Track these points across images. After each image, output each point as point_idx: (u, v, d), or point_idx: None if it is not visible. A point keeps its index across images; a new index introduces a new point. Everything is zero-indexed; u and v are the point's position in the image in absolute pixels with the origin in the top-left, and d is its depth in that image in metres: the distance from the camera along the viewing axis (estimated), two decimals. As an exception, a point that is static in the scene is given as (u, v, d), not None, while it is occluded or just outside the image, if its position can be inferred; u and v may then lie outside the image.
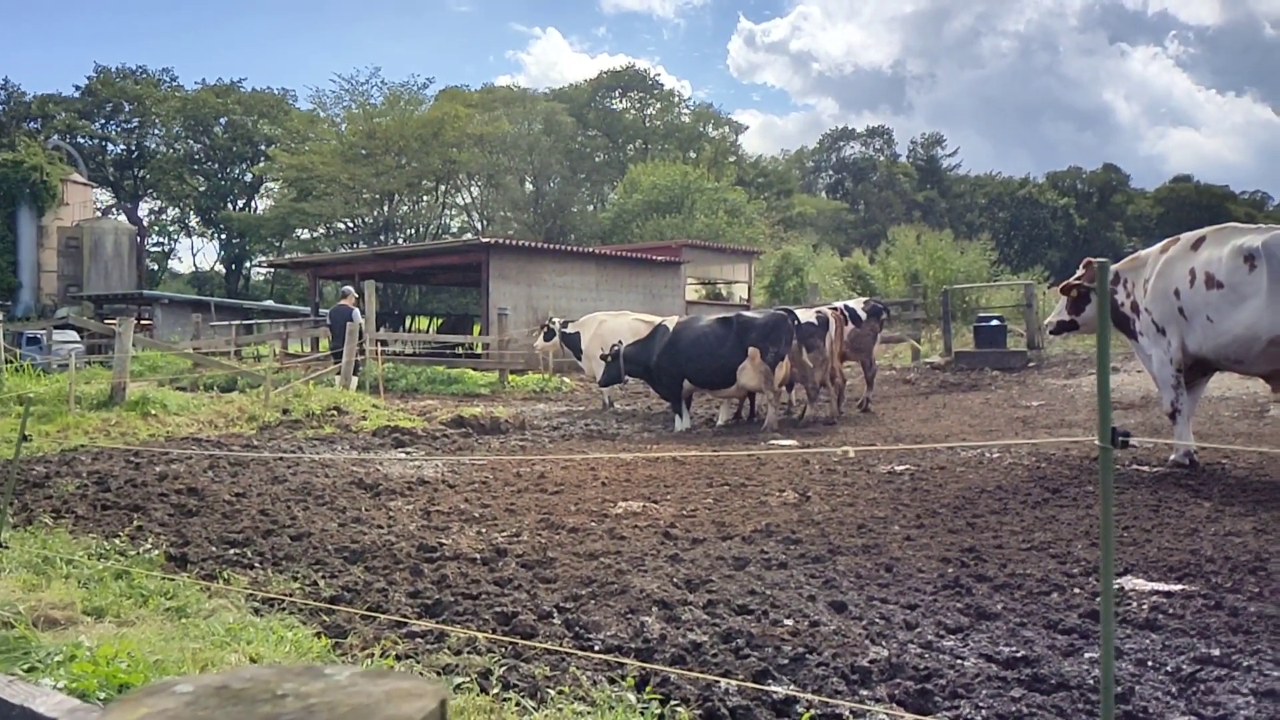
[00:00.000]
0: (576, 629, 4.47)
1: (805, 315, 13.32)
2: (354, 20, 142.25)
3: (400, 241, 55.13)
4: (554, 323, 18.18)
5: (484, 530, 6.68)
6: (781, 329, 12.73)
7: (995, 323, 20.35)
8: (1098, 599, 4.86)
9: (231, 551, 6.03)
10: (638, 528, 6.69)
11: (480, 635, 4.29)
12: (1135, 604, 4.77)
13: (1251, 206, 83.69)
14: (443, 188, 61.76)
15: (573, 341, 17.37)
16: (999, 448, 9.80)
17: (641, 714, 3.45)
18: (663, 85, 73.80)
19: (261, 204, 67.54)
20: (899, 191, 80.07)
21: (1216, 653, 4.09)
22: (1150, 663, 4.01)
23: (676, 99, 74.49)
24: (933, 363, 20.62)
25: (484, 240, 28.75)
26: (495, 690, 3.66)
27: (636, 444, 11.85)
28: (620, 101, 72.86)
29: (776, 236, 52.84)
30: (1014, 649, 4.13)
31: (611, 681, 3.76)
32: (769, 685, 3.70)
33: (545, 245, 30.89)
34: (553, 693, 3.62)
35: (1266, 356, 8.07)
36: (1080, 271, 9.83)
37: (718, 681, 3.70)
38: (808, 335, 12.97)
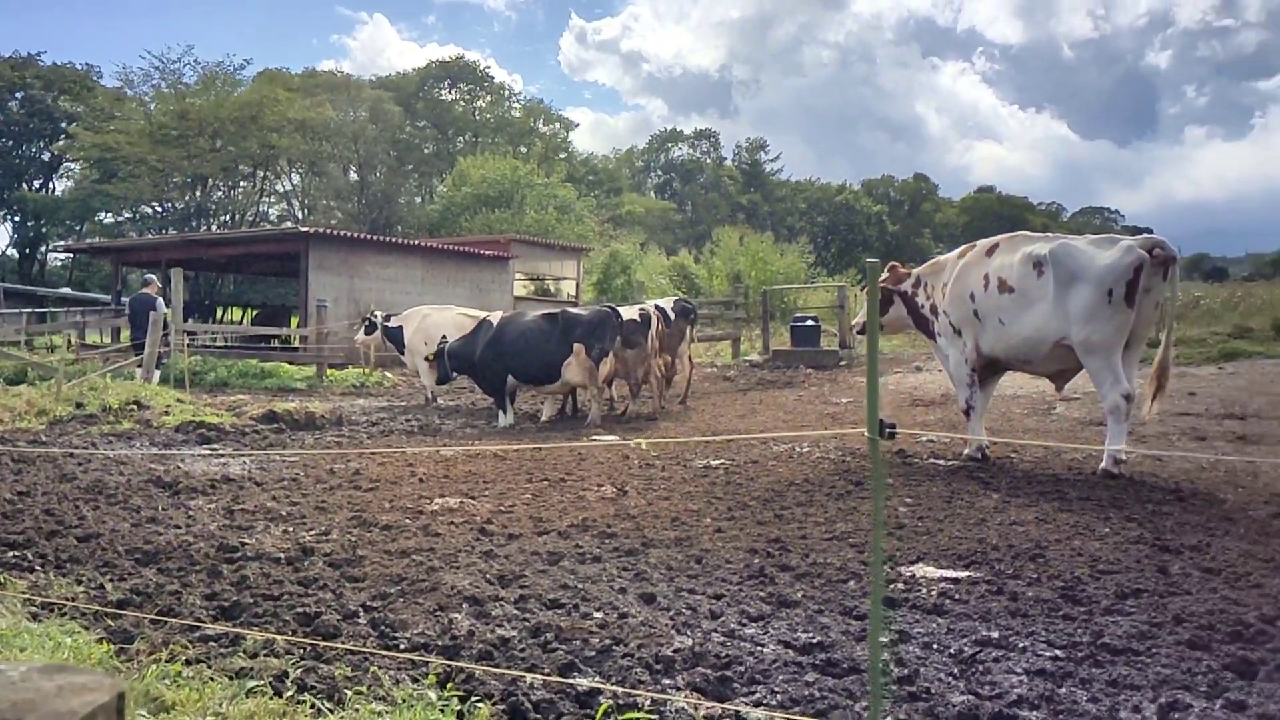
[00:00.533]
0: (382, 628, 4.39)
1: (628, 313, 13.46)
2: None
3: (214, 228, 52.65)
4: (375, 316, 17.69)
5: (290, 529, 6.48)
6: (606, 326, 12.83)
7: (810, 323, 21.08)
8: (892, 586, 5.11)
9: (10, 554, 5.64)
10: (453, 524, 6.62)
11: (279, 637, 4.15)
12: (924, 590, 5.03)
13: (1048, 217, 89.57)
14: (261, 174, 59.35)
15: (395, 336, 16.98)
16: (809, 441, 10.16)
17: (442, 711, 3.42)
18: (493, 78, 73.25)
19: (61, 185, 63.33)
20: (724, 194, 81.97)
21: (996, 635, 4.37)
22: (935, 645, 4.24)
23: (507, 93, 74.09)
24: (752, 360, 21.20)
25: (303, 229, 27.78)
26: (290, 693, 3.55)
27: (458, 440, 11.71)
28: (450, 93, 71.88)
29: (606, 234, 53.19)
30: (811, 635, 4.30)
31: (414, 680, 3.72)
32: (574, 678, 3.73)
33: (368, 236, 30.10)
34: (350, 693, 3.54)
35: (1052, 357, 8.66)
36: (885, 275, 10.28)
37: (523, 676, 3.70)
38: (630, 332, 13.11)
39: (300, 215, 60.94)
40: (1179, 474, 8.18)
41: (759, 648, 4.15)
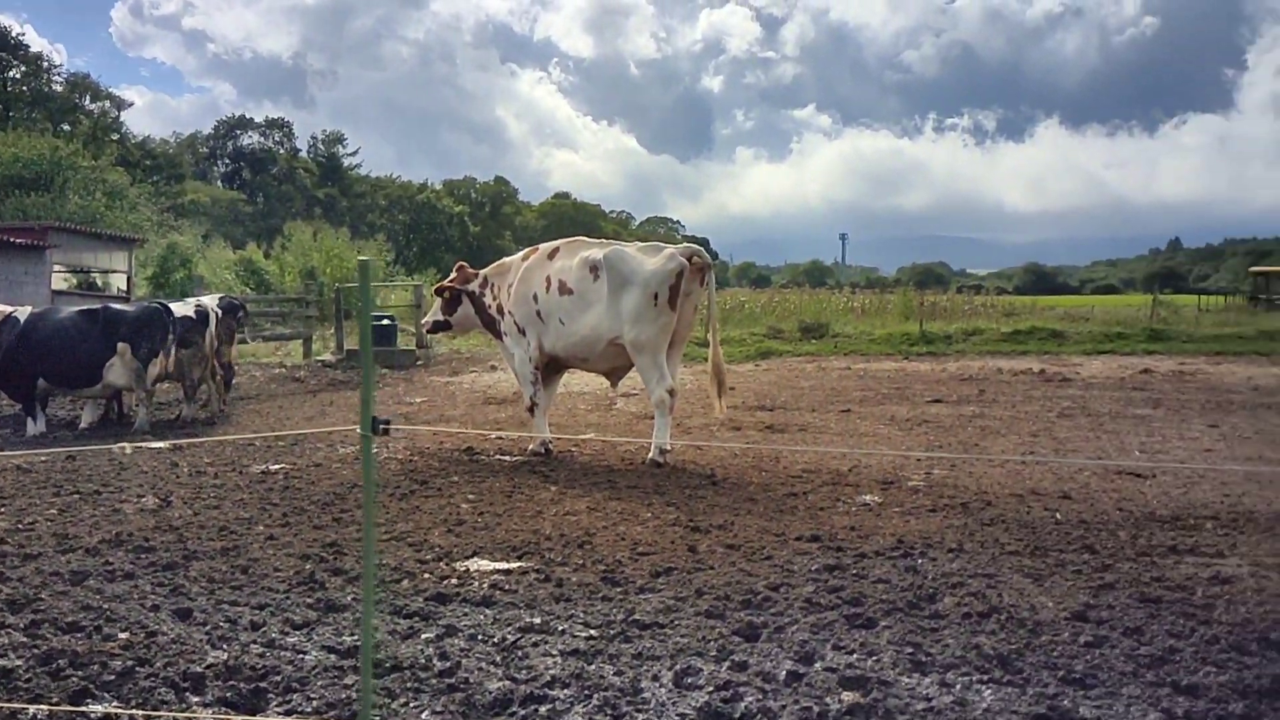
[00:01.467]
0: None
1: (182, 309, 12.53)
2: None
3: None
4: None
5: None
6: (155, 323, 11.86)
7: (387, 322, 20.83)
8: (445, 581, 5.20)
9: None
10: (-44, 548, 5.81)
11: None
12: (476, 584, 5.17)
13: (619, 225, 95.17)
14: None
15: None
16: (377, 443, 10.04)
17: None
18: (29, 47, 64.95)
19: None
20: (300, 186, 78.65)
21: (538, 621, 4.59)
22: (480, 636, 4.37)
23: (46, 64, 65.99)
24: (324, 361, 20.56)
25: None
26: None
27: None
28: (-28, 58, 62.77)
29: (165, 224, 49.04)
30: (356, 638, 4.26)
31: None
32: (87, 705, 3.43)
33: None
34: None
35: (606, 355, 9.22)
36: (453, 275, 10.43)
37: (24, 709, 3.34)
38: (185, 330, 12.22)
39: None
40: (715, 461, 9.02)
41: (300, 655, 4.06)
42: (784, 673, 3.95)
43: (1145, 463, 8.75)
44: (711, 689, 3.81)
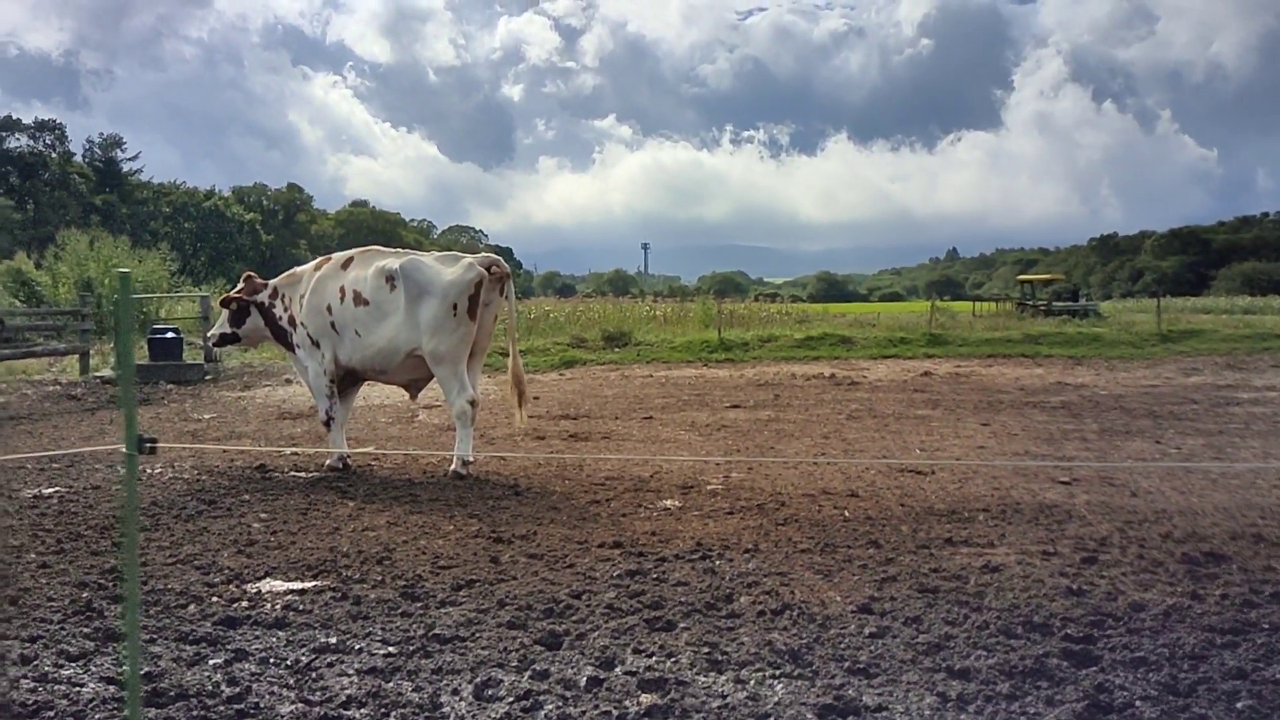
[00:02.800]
0: None
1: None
2: None
3: None
4: None
5: None
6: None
7: (171, 334, 19.78)
8: (235, 604, 5.00)
9: None
10: None
11: None
12: (269, 605, 5.00)
13: (419, 234, 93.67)
14: None
15: None
16: (162, 463, 9.54)
17: None
18: None
19: None
20: (74, 193, 73.57)
21: (334, 640, 4.48)
22: (272, 659, 4.24)
23: None
24: (104, 376, 19.33)
25: None
26: None
27: None
28: None
29: (-82, 231, 44.94)
30: (140, 667, 4.05)
31: None
32: None
33: None
34: None
35: (405, 367, 9.07)
36: (240, 285, 10.02)
37: None
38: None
39: None
40: (519, 471, 9.02)
41: (77, 689, 3.83)
42: (585, 679, 4.01)
43: (925, 460, 9.32)
44: (512, 699, 3.82)
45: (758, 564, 5.72)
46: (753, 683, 3.97)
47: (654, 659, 4.23)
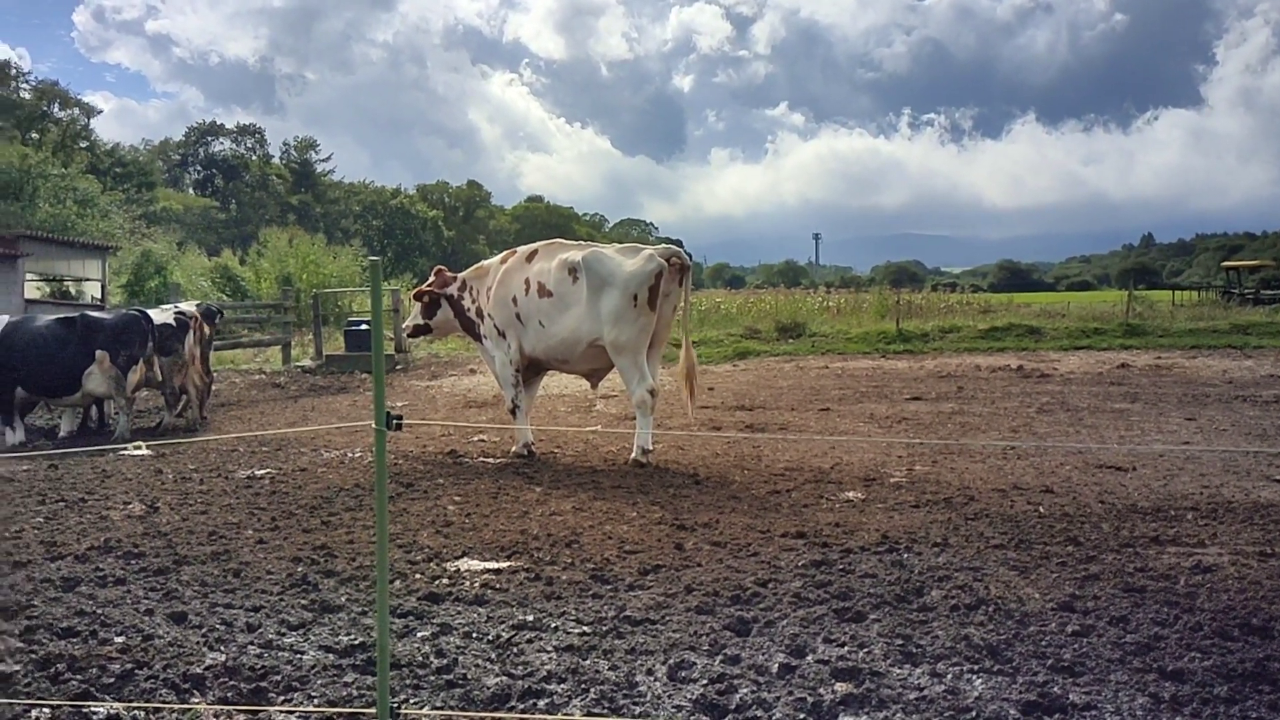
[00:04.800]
0: None
1: (161, 316, 12.48)
2: None
3: None
4: None
5: None
6: (134, 330, 11.80)
7: (365, 327, 20.77)
8: (437, 581, 5.23)
9: None
10: (-58, 557, 5.80)
11: None
12: (468, 583, 5.21)
13: (592, 227, 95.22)
14: None
15: None
16: (361, 447, 10.05)
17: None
18: (-5, 53, 64.28)
19: None
20: (273, 193, 78.28)
21: (531, 618, 4.63)
22: (475, 634, 4.42)
23: (15, 71, 65.29)
24: (304, 366, 20.49)
25: None
26: None
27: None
28: (-63, 66, 62.05)
29: (138, 232, 48.65)
30: (353, 637, 4.30)
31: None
32: (89, 705, 3.45)
33: None
34: None
35: (586, 357, 9.27)
36: (431, 279, 10.44)
37: (28, 710, 3.36)
38: (165, 338, 12.18)
39: None
40: (697, 460, 9.09)
41: (298, 655, 4.09)
42: (776, 665, 4.01)
43: (1127, 455, 8.89)
44: (706, 682, 3.87)
45: (948, 558, 5.59)
46: (950, 676, 3.89)
47: (845, 648, 4.20)
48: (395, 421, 2.90)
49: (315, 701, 3.58)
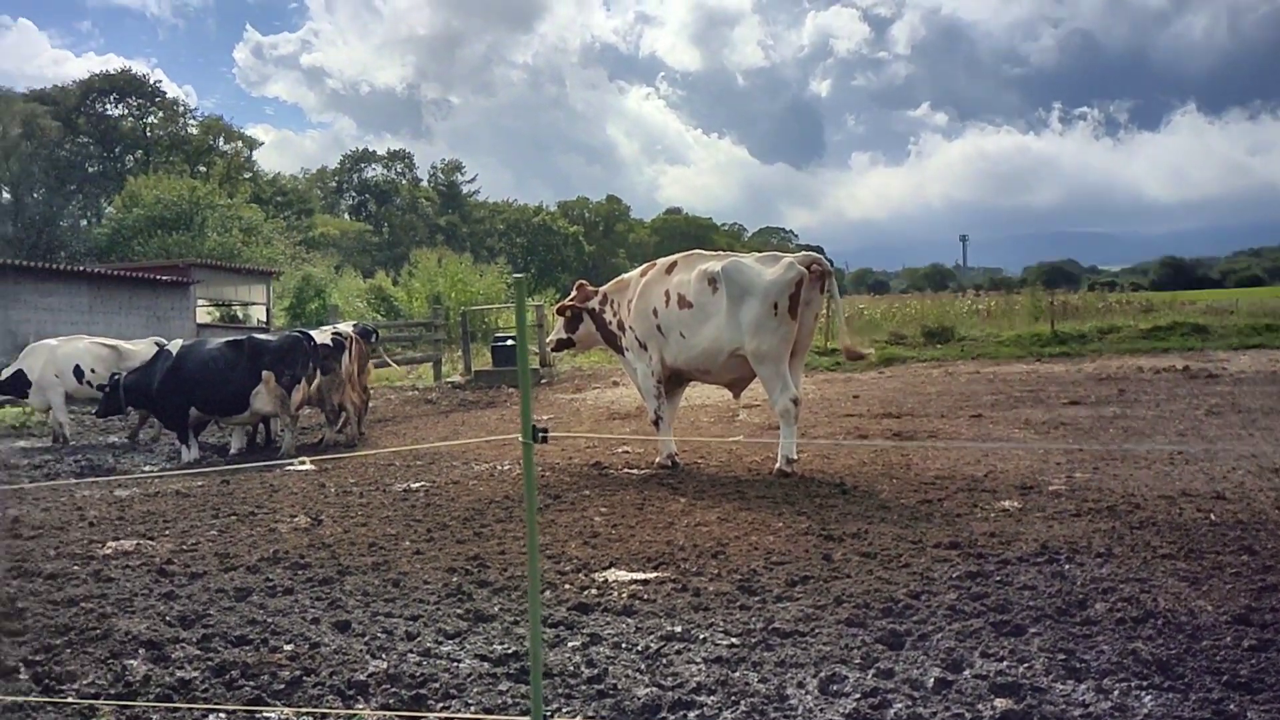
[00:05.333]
0: (47, 681, 4.07)
1: (320, 337, 13.05)
2: None
3: None
4: None
5: (-65, 587, 5.82)
6: (297, 351, 12.38)
7: (511, 342, 21.25)
8: (585, 592, 5.30)
9: None
10: (129, 567, 6.19)
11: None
12: (616, 594, 5.26)
13: (731, 237, 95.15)
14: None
15: (16, 382, 14.79)
16: (510, 460, 10.28)
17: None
18: (165, 93, 68.54)
19: None
20: (422, 215, 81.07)
21: (679, 629, 4.64)
22: (624, 644, 4.45)
23: (182, 109, 69.50)
24: (454, 382, 21.10)
25: (-56, 256, 24.91)
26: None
27: (136, 478, 10.91)
28: (116, 108, 66.51)
29: (298, 257, 51.13)
30: (507, 646, 4.40)
31: (83, 733, 3.48)
32: (262, 710, 3.62)
33: (23, 263, 27.37)
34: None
35: (728, 367, 9.26)
36: (573, 294, 10.61)
37: (205, 715, 3.55)
38: (324, 357, 12.73)
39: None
40: (844, 470, 8.95)
41: (455, 663, 4.20)
42: (932, 680, 3.91)
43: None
44: (858, 696, 3.80)
45: (1112, 569, 5.35)
46: (1117, 692, 3.72)
47: (1004, 663, 4.07)
48: (541, 434, 2.98)
49: (471, 709, 3.67)
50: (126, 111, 66.64)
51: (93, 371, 14.62)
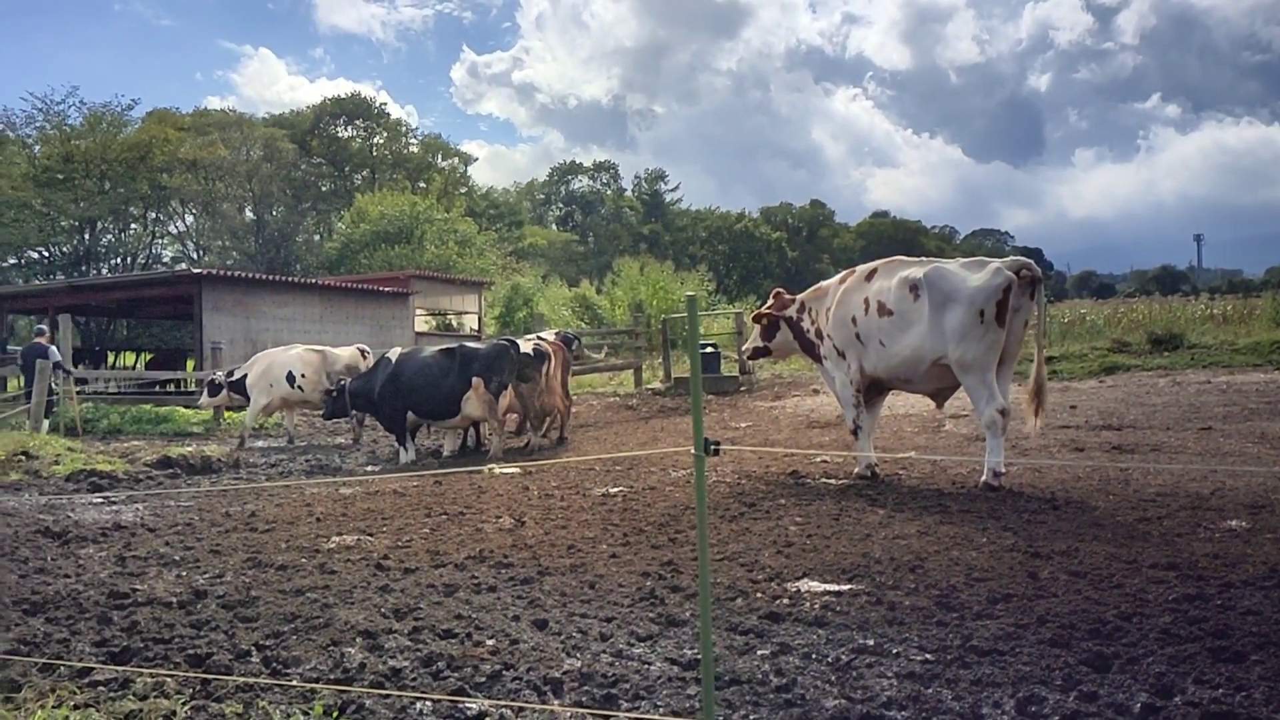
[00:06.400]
0: (274, 665, 4.43)
1: (525, 345, 13.56)
2: (36, 30, 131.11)
3: (105, 272, 51.17)
4: (217, 375, 16.90)
5: (184, 573, 6.42)
6: (504, 359, 12.91)
7: (710, 349, 21.40)
8: (777, 601, 5.31)
9: (-113, 612, 5.49)
10: (350, 561, 6.64)
11: (169, 676, 4.16)
12: (808, 604, 5.24)
13: (941, 240, 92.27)
14: (153, 215, 57.93)
15: (238, 385, 16.29)
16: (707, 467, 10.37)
17: (331, 740, 3.49)
18: (389, 115, 72.69)
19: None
20: (626, 224, 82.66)
21: (871, 643, 4.58)
22: (814, 655, 4.44)
23: (404, 129, 73.54)
24: (654, 389, 21.43)
25: (195, 271, 27.27)
26: (179, 731, 3.58)
27: (358, 478, 11.65)
28: (346, 130, 71.09)
29: (508, 268, 53.17)
30: (696, 652, 4.46)
31: (305, 714, 3.77)
32: (464, 701, 3.82)
33: (263, 276, 29.65)
34: (239, 728, 3.59)
35: (930, 376, 9.02)
36: (770, 301, 10.59)
37: (412, 703, 3.79)
38: (525, 365, 13.21)
39: (195, 256, 59.63)
40: (1055, 484, 8.57)
41: (646, 665, 4.30)
42: (1139, 705, 3.72)
43: None
44: (1058, 718, 3.65)
45: (1353, 597, 4.92)
46: (1351, 733, 3.43)
47: (1220, 690, 3.82)
48: (713, 447, 3.15)
49: (660, 711, 3.76)
50: (355, 133, 71.08)
51: (303, 376, 15.85)
